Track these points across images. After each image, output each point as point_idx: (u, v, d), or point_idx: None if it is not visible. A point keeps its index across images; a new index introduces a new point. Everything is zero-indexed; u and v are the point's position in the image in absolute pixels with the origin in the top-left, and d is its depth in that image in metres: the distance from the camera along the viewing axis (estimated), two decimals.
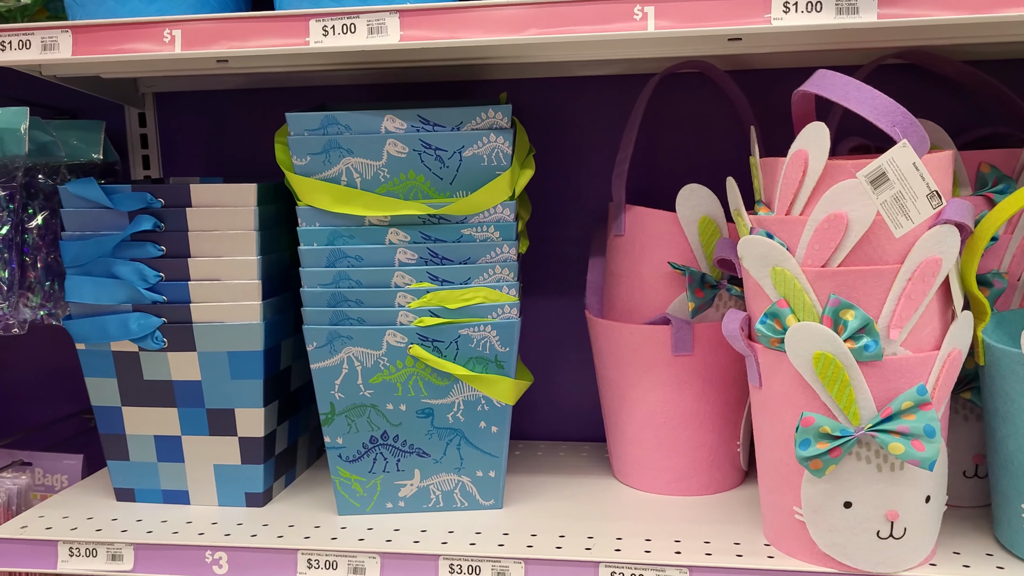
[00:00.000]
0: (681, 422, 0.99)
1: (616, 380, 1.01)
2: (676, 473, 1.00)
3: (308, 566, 0.90)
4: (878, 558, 0.80)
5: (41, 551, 0.94)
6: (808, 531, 0.82)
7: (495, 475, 0.97)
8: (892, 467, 0.78)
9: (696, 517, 0.94)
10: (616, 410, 1.03)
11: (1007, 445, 0.81)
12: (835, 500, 0.80)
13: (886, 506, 0.79)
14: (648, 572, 0.84)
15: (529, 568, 0.86)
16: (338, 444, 0.96)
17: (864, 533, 0.80)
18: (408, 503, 0.97)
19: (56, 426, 1.30)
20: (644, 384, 0.99)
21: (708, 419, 0.99)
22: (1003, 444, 0.81)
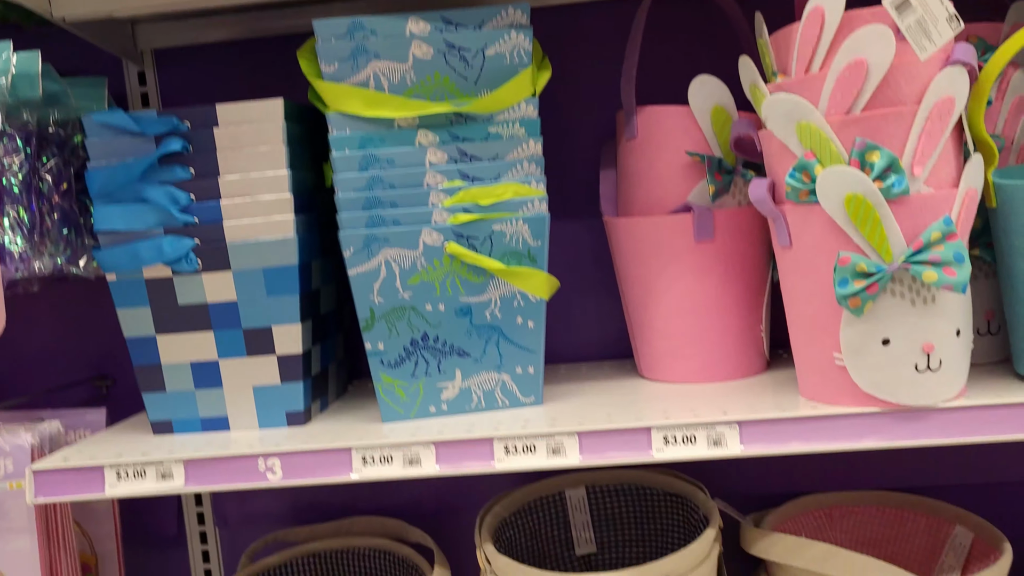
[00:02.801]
0: (706, 310, 1.02)
1: (640, 276, 1.04)
2: (703, 360, 1.03)
3: (363, 462, 0.91)
4: (918, 391, 0.84)
5: (87, 478, 0.93)
6: (849, 375, 0.86)
7: (534, 371, 0.99)
8: (925, 300, 0.83)
9: (730, 394, 0.97)
10: (642, 306, 1.06)
11: None
12: (874, 339, 0.84)
13: (922, 339, 0.83)
14: (700, 431, 0.87)
15: (583, 440, 0.89)
16: (379, 350, 0.97)
17: (904, 368, 0.84)
18: (451, 405, 0.99)
19: (68, 392, 1.28)
20: (669, 275, 1.02)
21: (732, 305, 1.02)
22: (1020, 280, 0.86)
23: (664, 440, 0.88)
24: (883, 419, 0.85)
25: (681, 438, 0.87)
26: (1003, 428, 0.84)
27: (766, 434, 0.86)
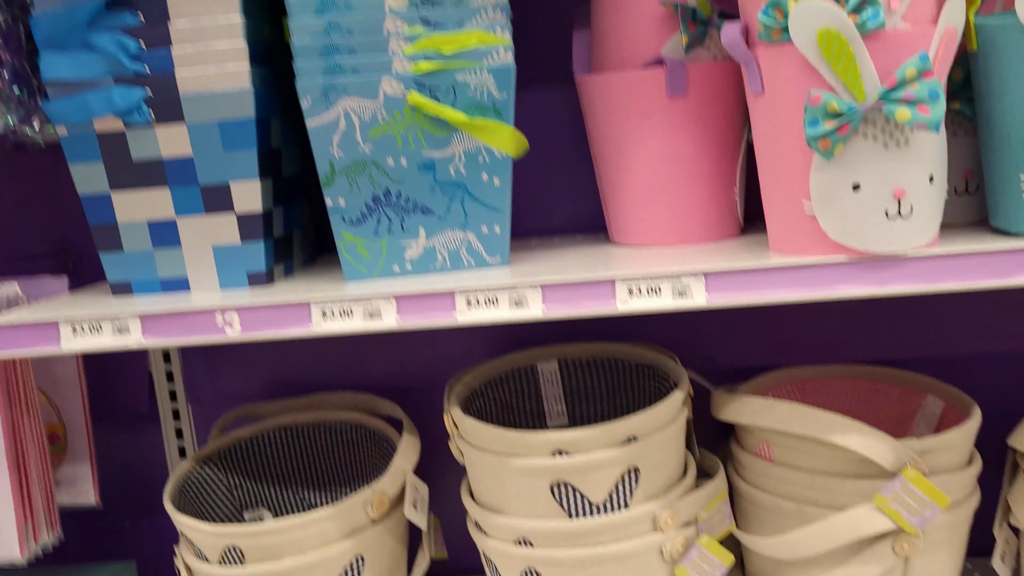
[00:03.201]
0: (678, 168, 0.99)
1: (612, 135, 1.01)
2: (675, 222, 1.01)
3: (323, 316, 0.89)
4: (888, 238, 0.82)
5: (42, 333, 0.91)
6: (818, 223, 0.83)
7: (500, 230, 0.97)
8: (898, 143, 0.80)
9: (700, 255, 0.95)
10: (613, 168, 1.03)
11: (1005, 122, 0.83)
12: (844, 184, 0.81)
13: (893, 184, 0.81)
14: (665, 282, 0.85)
15: (547, 292, 0.87)
16: (340, 206, 0.95)
17: (873, 214, 0.82)
18: (415, 264, 0.97)
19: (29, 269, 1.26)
20: (640, 133, 0.99)
21: (705, 164, 1.00)
22: (1000, 123, 0.84)
23: (628, 291, 0.86)
24: (852, 268, 0.83)
25: (646, 289, 0.86)
26: (974, 275, 0.82)
27: (732, 284, 0.85)
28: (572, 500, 0.97)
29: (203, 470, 1.18)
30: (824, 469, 0.98)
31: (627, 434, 0.96)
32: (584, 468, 0.95)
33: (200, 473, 1.17)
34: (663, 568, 1.00)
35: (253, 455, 1.23)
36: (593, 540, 0.97)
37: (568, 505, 0.97)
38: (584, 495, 0.97)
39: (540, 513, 0.98)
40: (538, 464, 0.96)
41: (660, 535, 0.99)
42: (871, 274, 0.83)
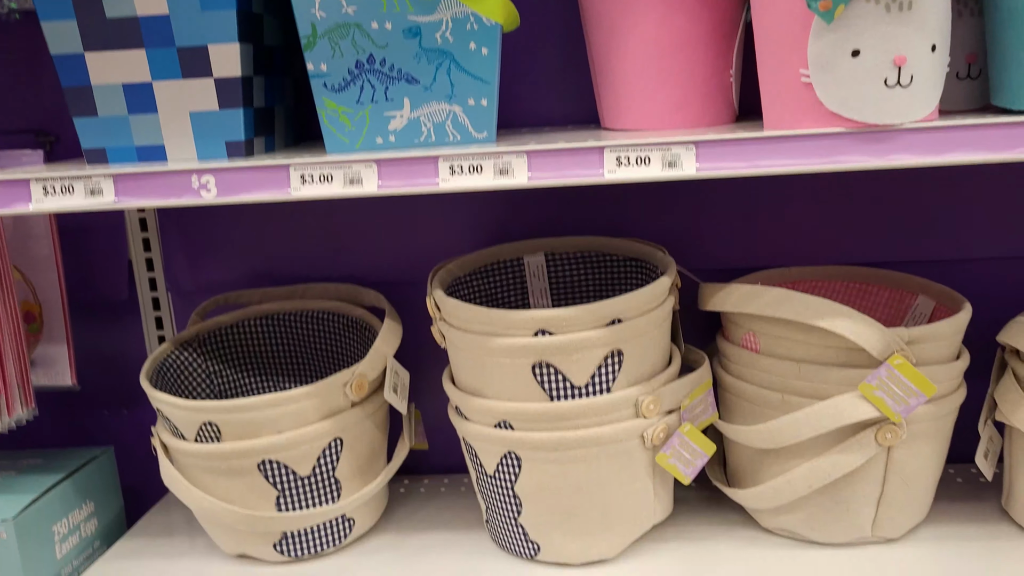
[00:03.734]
0: (674, 47, 0.96)
1: (606, 12, 0.98)
2: (670, 104, 0.98)
3: (302, 181, 0.86)
4: (885, 108, 0.79)
5: (12, 192, 0.88)
6: (815, 93, 0.81)
7: (487, 104, 0.94)
8: (901, 7, 0.77)
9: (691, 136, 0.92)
10: (607, 47, 0.99)
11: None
12: (843, 50, 0.78)
13: (894, 51, 0.78)
14: (654, 151, 0.83)
15: (532, 160, 0.84)
16: (322, 71, 0.91)
17: (872, 82, 0.79)
18: (399, 137, 0.94)
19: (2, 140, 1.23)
20: (635, 11, 0.95)
21: (701, 44, 0.96)
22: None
23: (617, 161, 0.83)
24: (848, 139, 0.81)
25: (635, 159, 0.83)
26: (975, 149, 0.79)
27: (723, 155, 0.82)
28: (554, 382, 0.95)
29: (182, 354, 1.16)
30: (810, 358, 0.97)
31: (612, 315, 0.94)
32: (567, 348, 0.94)
33: (179, 357, 1.16)
34: (644, 454, 0.99)
35: (233, 342, 1.21)
36: (574, 423, 0.96)
37: (550, 387, 0.96)
38: (566, 377, 0.95)
39: (521, 395, 0.97)
40: (520, 343, 0.94)
41: (642, 421, 0.97)
42: (868, 146, 0.81)
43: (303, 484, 1.03)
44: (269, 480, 1.02)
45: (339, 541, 1.08)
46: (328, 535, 1.07)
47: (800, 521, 1.02)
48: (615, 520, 1.01)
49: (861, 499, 0.99)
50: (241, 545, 1.06)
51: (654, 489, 1.02)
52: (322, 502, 1.04)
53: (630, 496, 1.00)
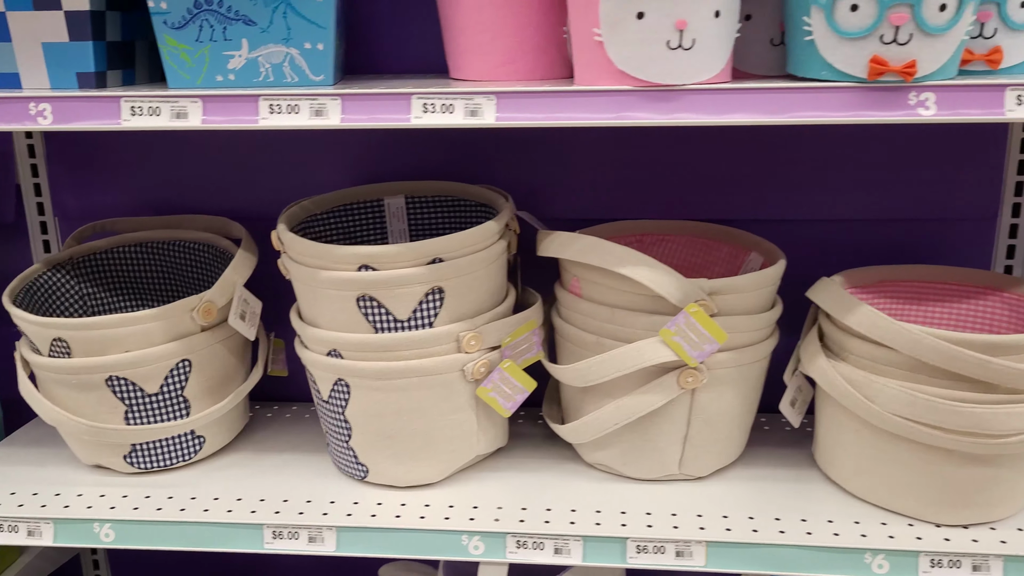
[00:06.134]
0: (505, 2, 1.01)
1: None
2: (504, 56, 1.03)
3: (132, 112, 0.91)
4: (668, 69, 0.85)
5: None
6: (605, 50, 0.86)
7: (324, 48, 0.98)
8: None
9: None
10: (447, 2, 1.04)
11: None
12: (629, 12, 0.84)
13: (676, 15, 0.83)
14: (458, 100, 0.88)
15: (346, 103, 0.90)
16: (162, 9, 0.96)
17: (655, 44, 0.84)
18: (238, 76, 0.99)
19: None
20: None
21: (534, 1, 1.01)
22: None
23: (423, 107, 0.89)
24: (635, 96, 0.86)
25: (440, 106, 0.88)
26: (754, 111, 0.85)
27: (521, 106, 0.87)
28: (378, 314, 1.02)
29: (53, 275, 1.22)
30: (622, 304, 1.03)
31: (432, 254, 1.00)
32: (389, 283, 1.00)
33: (50, 278, 1.21)
34: (465, 386, 1.06)
35: (107, 267, 1.27)
36: (397, 354, 1.03)
37: (374, 319, 1.02)
38: (389, 310, 1.01)
39: (349, 326, 1.03)
40: (345, 277, 1.00)
41: (463, 355, 1.04)
42: (654, 104, 0.86)
43: (150, 401, 1.09)
44: (117, 395, 1.08)
45: (189, 456, 1.15)
46: (177, 450, 1.14)
47: (614, 457, 1.10)
48: (438, 447, 1.08)
49: (667, 438, 1.07)
50: (95, 456, 1.13)
51: (477, 420, 1.09)
52: (169, 418, 1.11)
53: (452, 426, 1.07)
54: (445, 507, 1.05)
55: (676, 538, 0.98)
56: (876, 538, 0.97)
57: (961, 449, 0.93)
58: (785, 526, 1.00)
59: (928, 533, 0.98)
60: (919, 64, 0.81)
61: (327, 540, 1.03)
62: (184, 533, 1.04)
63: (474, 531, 1.01)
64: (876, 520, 1.00)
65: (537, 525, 1.01)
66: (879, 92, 0.83)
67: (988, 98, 0.82)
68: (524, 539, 1.01)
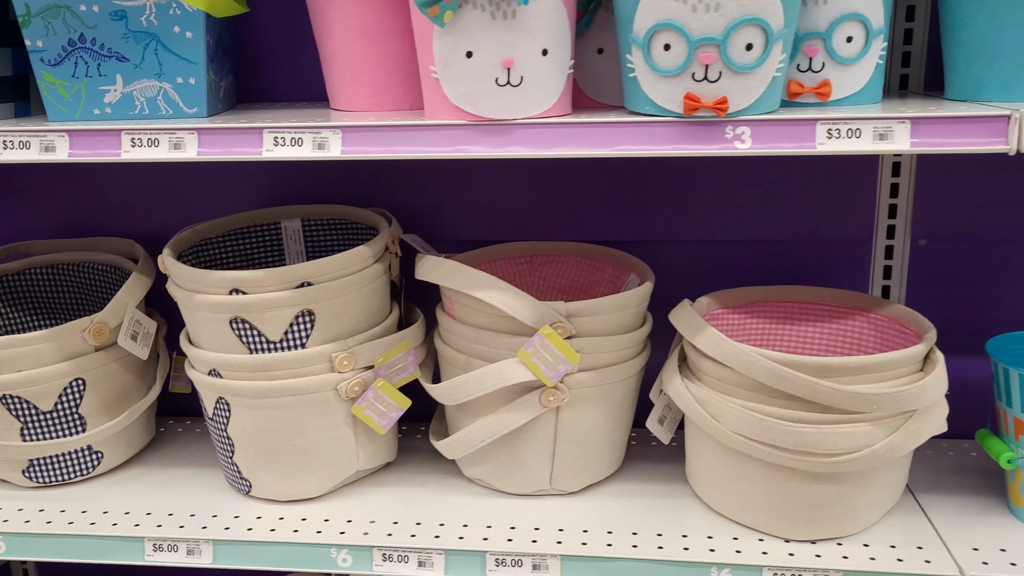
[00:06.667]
0: (375, 34, 1.05)
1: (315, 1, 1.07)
2: (374, 87, 1.07)
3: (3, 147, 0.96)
4: (499, 104, 0.89)
5: None
6: (442, 87, 0.90)
7: (196, 82, 1.03)
8: (505, 15, 0.86)
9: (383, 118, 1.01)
10: (320, 33, 1.09)
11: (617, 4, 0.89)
12: (459, 50, 0.88)
13: (503, 54, 0.87)
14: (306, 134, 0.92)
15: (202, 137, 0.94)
16: (39, 47, 1.01)
17: (485, 81, 0.88)
18: (115, 109, 1.04)
19: None
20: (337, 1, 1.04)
21: (399, 32, 1.05)
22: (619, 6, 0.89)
23: (274, 141, 0.93)
24: (470, 130, 0.90)
25: (289, 140, 0.93)
26: (575, 145, 0.89)
27: (365, 140, 0.92)
28: (250, 336, 1.06)
29: None
30: (486, 325, 1.07)
31: (300, 278, 1.04)
32: (258, 306, 1.04)
33: None
34: (340, 404, 1.10)
35: (20, 288, 1.32)
36: (271, 374, 1.07)
37: (247, 341, 1.06)
38: (261, 332, 1.06)
39: (225, 347, 1.08)
40: (216, 300, 1.04)
41: (337, 375, 1.08)
42: (488, 137, 0.90)
43: (45, 418, 1.14)
44: (12, 413, 1.13)
45: (87, 471, 1.20)
46: (74, 465, 1.18)
47: (488, 472, 1.14)
48: (318, 463, 1.12)
49: (535, 455, 1.10)
50: None
51: (356, 437, 1.13)
52: (65, 435, 1.16)
53: (330, 442, 1.11)
54: (321, 521, 1.10)
55: (533, 552, 1.02)
56: (724, 552, 1.00)
57: (797, 467, 0.96)
58: (640, 540, 1.03)
59: (775, 548, 1.01)
60: (731, 100, 0.85)
61: (204, 553, 1.07)
62: (70, 545, 1.09)
63: (343, 544, 1.05)
64: (729, 535, 1.04)
65: (404, 539, 1.05)
66: (697, 126, 0.87)
67: (800, 132, 0.86)
68: (390, 552, 1.04)
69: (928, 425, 0.95)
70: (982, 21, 0.91)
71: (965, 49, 0.94)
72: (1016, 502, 1.04)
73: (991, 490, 1.11)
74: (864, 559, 0.98)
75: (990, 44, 0.91)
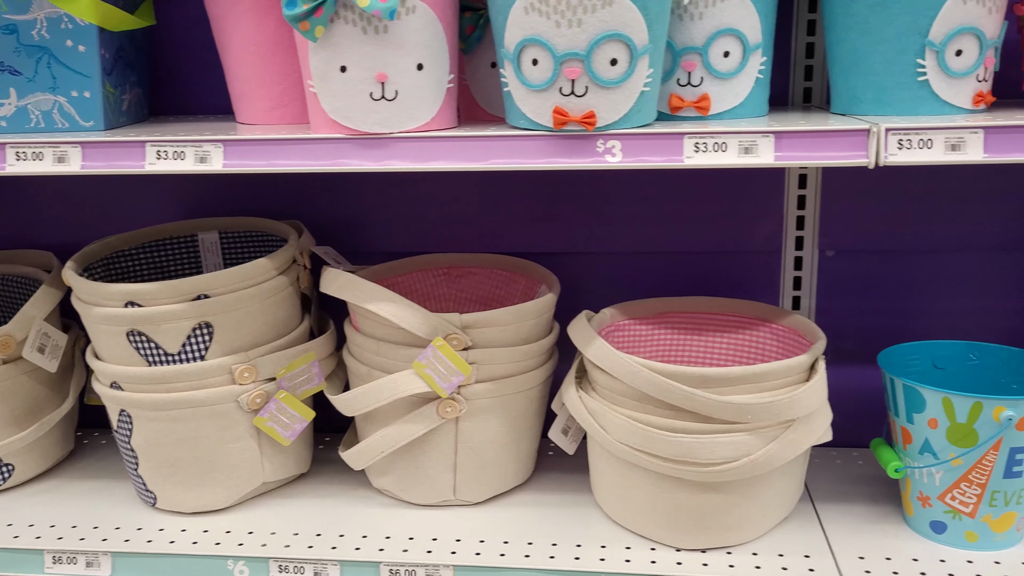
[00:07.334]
0: (272, 49, 1.06)
1: (215, 16, 1.08)
2: (272, 101, 1.08)
3: None
4: (375, 118, 0.90)
5: None
6: (319, 101, 0.91)
7: (91, 95, 1.04)
8: (377, 30, 0.87)
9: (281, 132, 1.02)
10: (221, 47, 1.10)
11: None
12: (333, 65, 0.89)
13: (376, 68, 0.88)
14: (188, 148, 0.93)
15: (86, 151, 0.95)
16: None
17: (359, 95, 0.89)
18: (9, 122, 1.04)
19: None
20: (233, 12, 1.05)
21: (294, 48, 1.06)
22: None
23: (157, 155, 0.94)
24: (349, 144, 0.91)
25: (172, 153, 0.94)
26: (452, 159, 0.89)
27: (247, 153, 0.93)
28: (148, 349, 1.06)
29: None
30: (385, 337, 1.07)
31: (196, 291, 1.05)
32: (154, 319, 1.05)
33: None
34: (243, 416, 1.10)
35: None
36: (171, 386, 1.07)
37: (145, 353, 1.07)
38: (159, 345, 1.06)
39: (124, 359, 1.08)
40: (113, 313, 1.05)
41: (238, 387, 1.09)
42: (366, 151, 0.91)
43: None
44: None
45: None
46: None
47: (393, 483, 1.14)
48: (222, 475, 1.12)
49: (437, 465, 1.11)
50: None
51: (260, 448, 1.13)
52: None
53: (234, 454, 1.12)
54: (222, 533, 1.10)
55: (427, 562, 1.02)
56: (613, 562, 1.01)
57: (682, 477, 0.97)
58: (534, 551, 1.04)
59: (665, 557, 1.01)
60: (599, 114, 0.86)
61: (103, 565, 1.07)
62: None
63: (240, 556, 1.05)
64: (623, 545, 1.04)
65: (301, 551, 1.06)
66: (569, 140, 0.87)
67: (669, 146, 0.87)
68: (286, 564, 1.05)
69: (808, 435, 0.96)
70: (855, 36, 0.92)
71: (842, 64, 0.95)
72: (908, 511, 1.05)
73: (891, 499, 1.12)
74: (750, 568, 0.98)
75: (863, 59, 0.92)
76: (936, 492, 1.00)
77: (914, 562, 0.99)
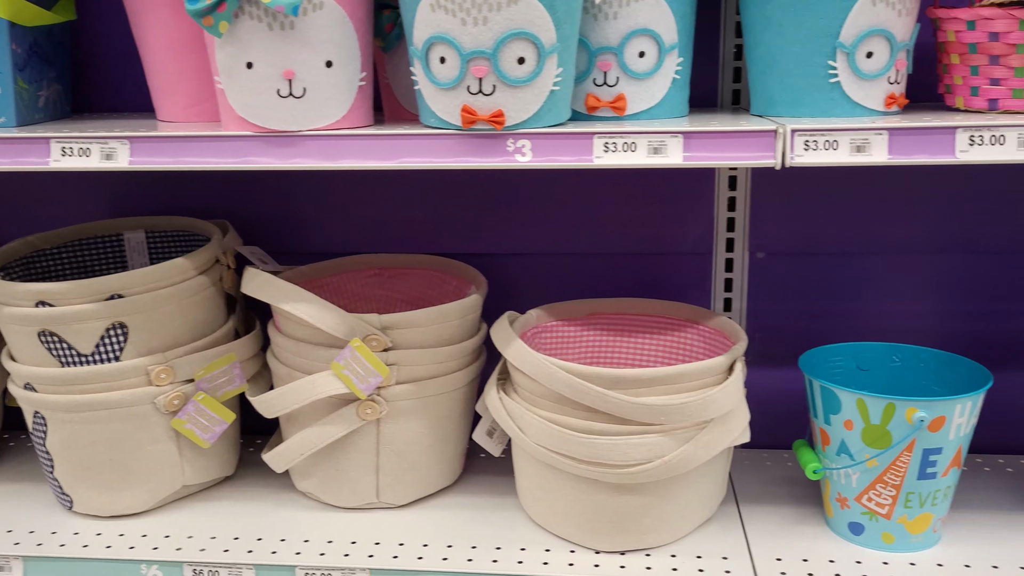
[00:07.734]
0: (188, 45, 1.04)
1: (131, 11, 1.06)
2: (189, 98, 1.07)
3: None
4: (282, 115, 0.88)
5: None
6: (227, 97, 0.89)
7: (1, 91, 1.02)
8: (283, 27, 0.86)
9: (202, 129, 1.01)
10: (139, 43, 1.08)
11: None
12: (239, 61, 0.87)
13: (283, 65, 0.87)
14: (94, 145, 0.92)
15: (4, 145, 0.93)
16: None
17: (267, 92, 0.88)
18: None
19: None
20: (150, 9, 1.04)
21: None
22: None
23: (62, 151, 0.92)
24: (256, 142, 0.90)
25: (77, 150, 0.92)
26: (360, 157, 0.88)
27: (155, 151, 0.91)
28: (60, 349, 1.04)
29: None
30: (305, 338, 1.06)
31: (110, 291, 1.03)
32: (65, 319, 1.03)
33: None
34: (160, 418, 1.08)
35: None
36: (85, 388, 1.05)
37: (58, 354, 1.05)
38: (71, 345, 1.04)
39: (36, 360, 1.06)
40: (22, 313, 1.03)
41: (154, 388, 1.07)
42: (274, 149, 0.90)
43: None
44: None
45: None
46: None
47: (316, 486, 1.13)
48: (139, 478, 1.10)
49: (359, 468, 1.09)
50: None
51: (180, 451, 1.11)
52: None
53: (152, 457, 1.10)
54: (138, 537, 1.08)
55: (343, 566, 1.01)
56: (531, 565, 1.00)
57: (598, 479, 0.96)
58: (452, 553, 1.03)
59: (584, 560, 1.00)
60: (508, 113, 0.85)
61: (15, 569, 1.05)
62: None
63: (153, 560, 1.03)
64: (543, 547, 1.03)
65: (217, 554, 1.04)
66: (478, 139, 0.87)
67: (579, 145, 0.86)
68: (200, 568, 1.03)
69: (724, 436, 0.96)
70: (769, 38, 0.92)
71: (758, 65, 0.95)
72: (828, 512, 1.05)
73: (815, 501, 1.12)
74: (667, 570, 0.98)
75: (777, 61, 0.92)
76: (853, 493, 0.99)
77: (831, 563, 0.99)
